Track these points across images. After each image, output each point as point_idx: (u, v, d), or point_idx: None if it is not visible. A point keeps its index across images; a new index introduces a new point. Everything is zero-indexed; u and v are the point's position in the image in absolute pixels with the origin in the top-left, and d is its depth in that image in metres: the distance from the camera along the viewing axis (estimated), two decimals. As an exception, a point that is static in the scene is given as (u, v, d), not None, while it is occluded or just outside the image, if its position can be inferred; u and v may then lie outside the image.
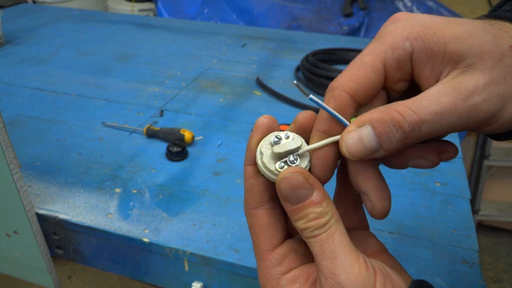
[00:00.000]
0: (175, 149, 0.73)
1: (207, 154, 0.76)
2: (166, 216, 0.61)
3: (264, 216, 0.30)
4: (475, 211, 1.85)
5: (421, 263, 0.55)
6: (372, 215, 0.29)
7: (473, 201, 1.87)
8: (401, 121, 0.25)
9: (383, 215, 0.29)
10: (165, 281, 0.60)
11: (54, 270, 0.63)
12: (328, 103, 0.28)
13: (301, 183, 0.27)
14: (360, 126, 0.27)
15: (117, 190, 0.66)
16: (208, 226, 0.59)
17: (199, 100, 0.95)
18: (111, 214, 0.61)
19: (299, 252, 0.30)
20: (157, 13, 2.00)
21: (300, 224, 0.27)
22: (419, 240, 0.58)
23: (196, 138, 0.79)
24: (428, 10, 1.82)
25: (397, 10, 1.84)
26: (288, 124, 0.62)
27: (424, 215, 0.63)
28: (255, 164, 0.30)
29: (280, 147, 0.28)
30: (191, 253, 0.55)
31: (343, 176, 0.33)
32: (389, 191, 0.29)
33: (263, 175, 0.29)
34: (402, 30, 0.27)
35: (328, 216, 0.26)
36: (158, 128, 0.79)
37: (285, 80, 1.05)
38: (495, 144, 1.78)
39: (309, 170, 0.29)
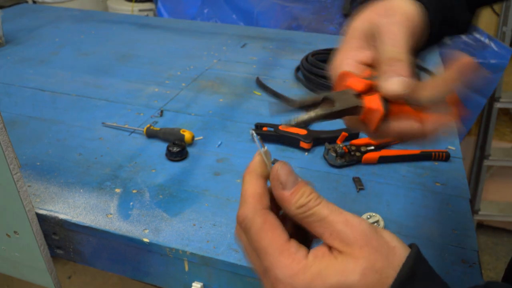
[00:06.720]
0: (175, 149, 0.73)
1: (207, 154, 0.76)
2: (166, 216, 0.61)
3: (272, 215, 0.32)
4: (475, 211, 1.86)
5: (421, 263, 0.55)
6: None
7: (473, 201, 1.87)
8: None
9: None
10: (165, 281, 0.60)
11: (54, 270, 0.63)
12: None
13: (290, 170, 0.33)
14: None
15: (117, 190, 0.66)
16: (208, 226, 0.59)
17: (199, 100, 0.95)
18: (111, 214, 0.61)
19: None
20: (157, 13, 2.00)
21: (302, 200, 0.31)
22: (418, 240, 0.58)
23: (196, 138, 0.79)
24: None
25: (397, 10, 1.83)
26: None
27: (424, 215, 0.63)
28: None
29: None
30: (191, 253, 0.55)
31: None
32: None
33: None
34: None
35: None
36: (158, 128, 0.79)
37: (285, 81, 1.05)
38: (495, 144, 1.78)
39: None
